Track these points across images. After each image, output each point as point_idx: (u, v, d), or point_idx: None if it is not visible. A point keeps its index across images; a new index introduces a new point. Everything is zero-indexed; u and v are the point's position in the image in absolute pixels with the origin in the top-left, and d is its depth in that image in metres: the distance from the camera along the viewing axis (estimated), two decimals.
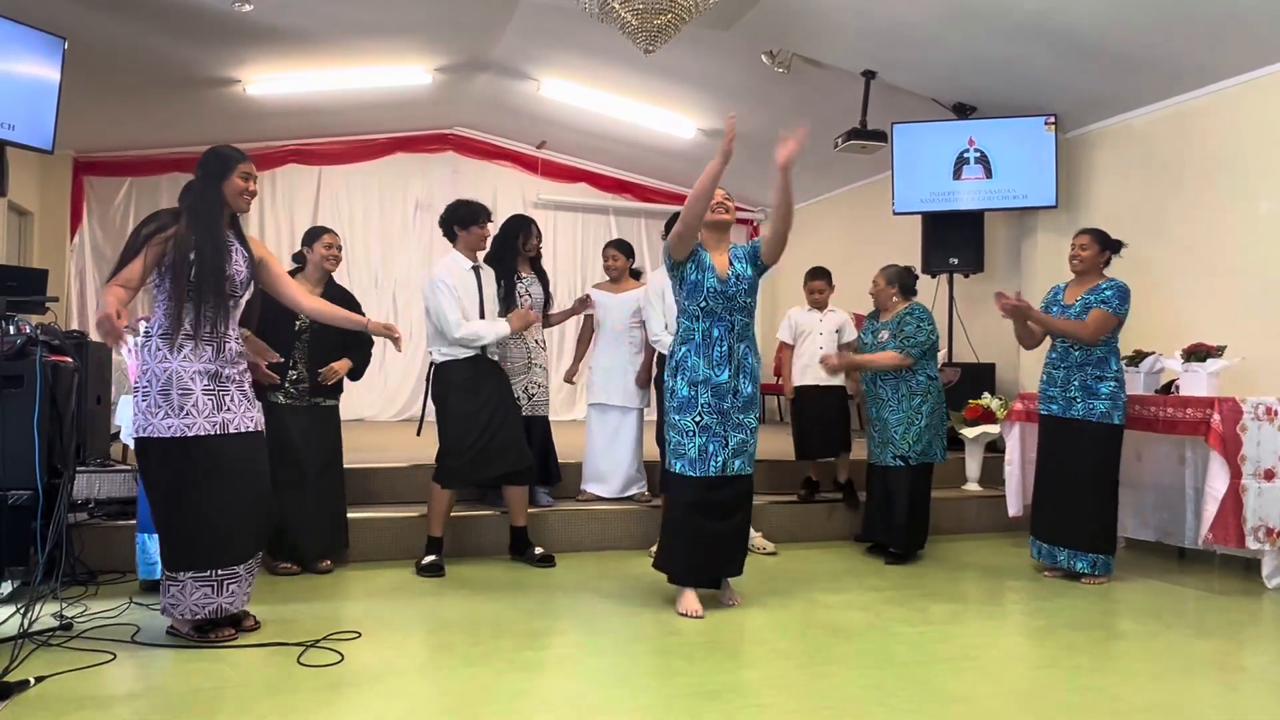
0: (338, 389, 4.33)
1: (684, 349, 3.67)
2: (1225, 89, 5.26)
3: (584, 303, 5.16)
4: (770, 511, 5.13)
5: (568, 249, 9.62)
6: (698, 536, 3.64)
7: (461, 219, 4.38)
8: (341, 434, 4.34)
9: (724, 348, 3.62)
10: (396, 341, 3.56)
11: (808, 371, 5.15)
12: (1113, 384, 4.26)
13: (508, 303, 4.64)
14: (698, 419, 3.60)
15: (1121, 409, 4.28)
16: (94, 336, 3.66)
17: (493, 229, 4.58)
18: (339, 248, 4.32)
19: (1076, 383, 4.30)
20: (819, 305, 5.22)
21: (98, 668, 2.87)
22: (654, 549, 4.72)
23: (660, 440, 4.36)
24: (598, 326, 5.14)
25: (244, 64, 6.73)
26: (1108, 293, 4.25)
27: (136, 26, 5.76)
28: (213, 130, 7.40)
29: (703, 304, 3.64)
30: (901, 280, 4.85)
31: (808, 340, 5.17)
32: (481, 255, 4.51)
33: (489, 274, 4.52)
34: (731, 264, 3.67)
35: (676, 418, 3.65)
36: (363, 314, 4.08)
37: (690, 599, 3.65)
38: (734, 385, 3.62)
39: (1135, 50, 5.19)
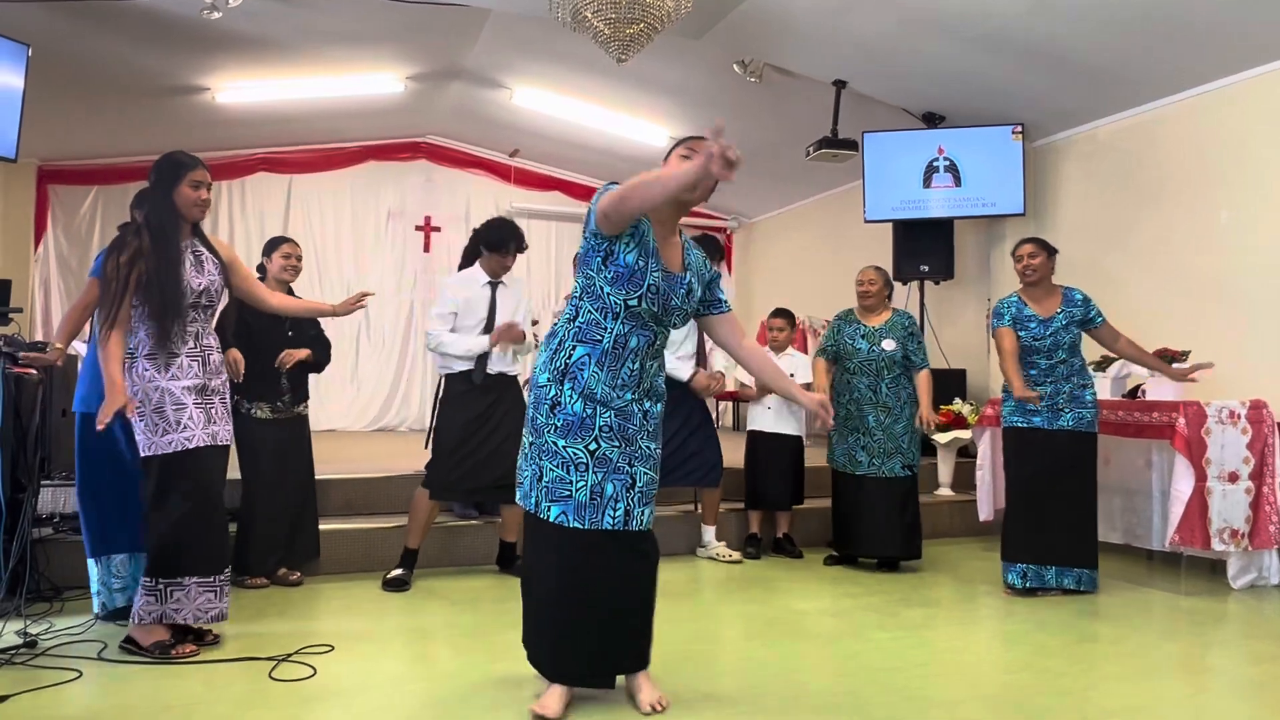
0: (306, 394, 4.31)
1: (581, 350, 2.61)
2: (1185, 99, 5.36)
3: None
4: (733, 519, 5.12)
5: (541, 257, 9.59)
6: (583, 616, 2.61)
7: (490, 242, 4.26)
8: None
9: (635, 365, 2.63)
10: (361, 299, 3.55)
11: (764, 416, 4.99)
12: (1093, 390, 4.27)
13: None
14: (593, 446, 2.59)
15: (1098, 416, 4.29)
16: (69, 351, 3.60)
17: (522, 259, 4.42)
18: (298, 257, 4.26)
19: (1065, 393, 4.20)
20: (778, 346, 5.09)
21: (63, 686, 2.82)
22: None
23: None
24: None
25: (213, 71, 6.66)
26: (1092, 304, 4.25)
27: (102, 33, 5.68)
28: (181, 138, 7.28)
29: (633, 301, 2.60)
30: (888, 281, 4.89)
31: None
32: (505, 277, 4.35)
33: (511, 292, 4.34)
34: (686, 267, 2.72)
35: (560, 442, 2.59)
36: (315, 328, 4.29)
37: (553, 699, 2.62)
38: (642, 407, 2.66)
39: (1099, 62, 5.27)
